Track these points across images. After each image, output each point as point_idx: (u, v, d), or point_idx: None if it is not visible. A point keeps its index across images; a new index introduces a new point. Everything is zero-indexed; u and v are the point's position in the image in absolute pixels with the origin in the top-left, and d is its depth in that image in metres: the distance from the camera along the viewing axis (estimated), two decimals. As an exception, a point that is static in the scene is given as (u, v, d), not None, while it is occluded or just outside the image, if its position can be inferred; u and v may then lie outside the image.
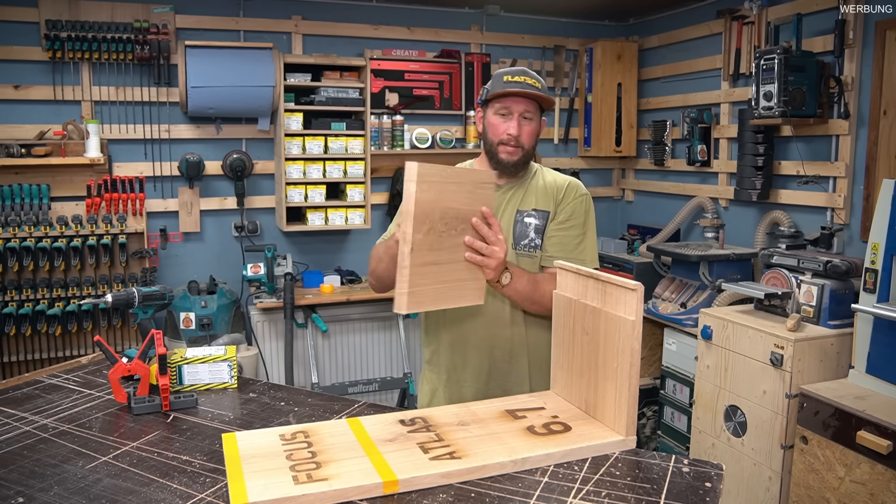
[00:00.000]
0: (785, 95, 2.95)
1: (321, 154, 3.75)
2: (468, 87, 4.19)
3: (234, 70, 3.52)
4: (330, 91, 3.75)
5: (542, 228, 1.84)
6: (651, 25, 4.39)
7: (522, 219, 1.84)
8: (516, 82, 1.77)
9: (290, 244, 4.06)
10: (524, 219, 1.84)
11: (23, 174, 3.40)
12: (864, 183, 2.98)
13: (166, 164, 3.73)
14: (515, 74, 1.78)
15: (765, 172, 3.37)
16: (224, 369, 1.71)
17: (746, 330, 2.74)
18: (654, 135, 4.23)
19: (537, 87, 1.77)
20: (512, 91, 1.76)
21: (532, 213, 1.84)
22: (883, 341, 2.36)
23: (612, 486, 1.21)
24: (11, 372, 3.39)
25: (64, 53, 3.41)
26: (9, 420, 1.50)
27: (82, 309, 3.40)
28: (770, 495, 2.65)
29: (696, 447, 3.05)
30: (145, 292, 1.81)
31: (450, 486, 1.21)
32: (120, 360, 1.58)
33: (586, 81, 4.43)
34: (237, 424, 1.48)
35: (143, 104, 3.65)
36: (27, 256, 3.30)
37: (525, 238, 1.83)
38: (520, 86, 1.76)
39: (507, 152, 1.79)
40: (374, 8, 4.06)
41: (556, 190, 1.87)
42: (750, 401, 2.73)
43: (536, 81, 1.79)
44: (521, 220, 1.84)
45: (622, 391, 1.34)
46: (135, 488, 1.20)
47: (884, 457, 2.14)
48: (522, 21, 4.37)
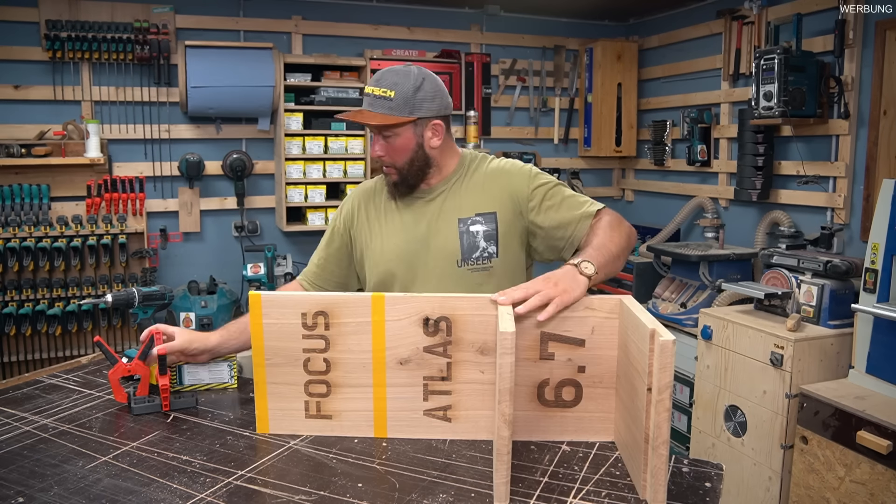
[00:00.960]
0: (785, 95, 2.95)
1: (321, 154, 3.75)
2: (468, 87, 4.19)
3: (234, 70, 3.52)
4: (330, 91, 3.75)
5: (494, 233, 1.63)
6: (651, 25, 4.39)
7: (467, 228, 1.64)
8: (366, 96, 1.62)
9: (290, 244, 4.06)
10: (469, 228, 1.64)
11: (23, 174, 3.40)
12: (864, 183, 2.98)
13: (166, 164, 3.73)
14: (370, 83, 1.62)
15: (765, 172, 3.37)
16: (224, 369, 1.71)
17: (746, 330, 2.74)
18: (654, 135, 4.23)
19: (386, 98, 1.58)
20: (344, 119, 1.67)
21: (477, 220, 1.64)
22: (883, 341, 2.36)
23: (612, 486, 1.21)
24: (11, 372, 3.39)
25: (64, 53, 3.41)
26: (9, 420, 1.50)
27: (82, 309, 3.40)
28: (770, 495, 2.65)
29: (696, 447, 3.05)
30: (145, 292, 1.81)
31: (449, 487, 1.21)
32: (120, 360, 1.58)
33: (586, 81, 4.43)
34: (237, 424, 1.49)
35: (143, 104, 3.65)
36: (27, 256, 3.30)
37: (476, 250, 1.63)
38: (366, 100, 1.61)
39: (386, 173, 1.68)
40: (374, 8, 4.06)
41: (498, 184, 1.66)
42: (750, 401, 2.73)
43: (387, 89, 1.58)
44: (466, 229, 1.64)
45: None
46: (135, 488, 1.20)
47: (884, 457, 2.14)
48: (522, 21, 4.37)
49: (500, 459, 1.14)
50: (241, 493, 1.19)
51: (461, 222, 1.65)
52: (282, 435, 1.42)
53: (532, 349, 1.35)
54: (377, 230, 1.74)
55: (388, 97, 1.58)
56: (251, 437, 1.42)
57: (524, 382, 1.36)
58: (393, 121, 1.59)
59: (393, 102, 1.58)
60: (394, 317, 1.37)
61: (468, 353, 1.37)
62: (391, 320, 1.37)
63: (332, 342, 1.39)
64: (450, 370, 1.38)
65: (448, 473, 1.26)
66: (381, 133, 1.62)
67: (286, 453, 1.34)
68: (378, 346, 1.38)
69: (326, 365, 1.40)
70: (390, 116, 1.59)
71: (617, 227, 1.55)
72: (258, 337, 1.39)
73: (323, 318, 1.38)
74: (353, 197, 1.83)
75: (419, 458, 1.32)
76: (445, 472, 1.27)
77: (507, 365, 1.12)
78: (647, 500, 1.15)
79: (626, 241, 1.54)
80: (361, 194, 1.81)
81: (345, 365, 1.40)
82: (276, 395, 1.42)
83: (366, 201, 1.79)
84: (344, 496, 1.18)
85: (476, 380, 1.38)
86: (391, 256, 1.70)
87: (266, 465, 1.30)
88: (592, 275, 1.38)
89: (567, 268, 1.38)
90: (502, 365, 1.12)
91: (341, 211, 1.82)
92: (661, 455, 1.10)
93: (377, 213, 1.76)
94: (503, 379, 1.12)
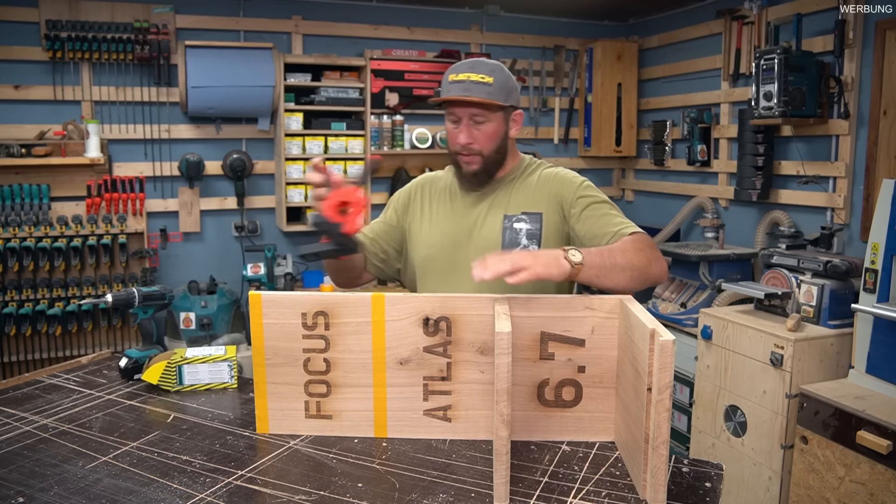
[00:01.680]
0: (785, 95, 2.95)
1: (321, 154, 3.75)
2: (468, 87, 4.19)
3: (234, 70, 3.52)
4: (330, 91, 3.75)
5: (537, 233, 1.63)
6: (651, 25, 4.39)
7: (511, 225, 1.65)
8: (459, 82, 1.59)
9: (290, 244, 4.06)
10: (513, 224, 1.65)
11: (23, 174, 3.40)
12: (864, 183, 2.98)
13: (166, 164, 3.73)
14: (461, 71, 1.60)
15: (765, 172, 3.37)
16: (224, 369, 1.71)
17: (746, 330, 2.74)
18: (654, 135, 4.23)
19: (485, 83, 1.58)
20: (449, 98, 1.60)
21: (522, 218, 1.65)
22: (883, 341, 2.36)
23: (612, 486, 1.21)
24: (11, 372, 3.39)
25: (64, 53, 3.41)
26: (9, 420, 1.50)
27: (82, 309, 3.41)
28: (770, 495, 2.65)
29: (696, 447, 3.05)
30: (145, 292, 1.81)
31: (449, 487, 1.21)
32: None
33: (586, 81, 4.43)
34: (237, 424, 1.48)
35: (143, 104, 3.65)
36: (27, 256, 3.31)
37: (516, 246, 1.63)
38: (461, 86, 1.58)
39: (465, 162, 1.65)
40: (374, 8, 4.06)
41: (549, 188, 1.67)
42: (750, 401, 2.73)
43: (485, 75, 1.58)
44: (510, 226, 1.65)
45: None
46: (135, 488, 1.20)
47: (884, 457, 2.14)
48: (522, 21, 4.37)
49: (500, 459, 1.14)
50: (241, 493, 1.19)
51: (506, 218, 1.66)
52: (282, 435, 1.42)
53: (532, 349, 1.35)
54: (427, 216, 1.76)
55: (488, 83, 1.58)
56: (251, 437, 1.42)
57: (524, 382, 1.36)
58: (497, 103, 1.59)
59: (492, 88, 1.58)
60: (394, 317, 1.37)
61: (468, 353, 1.37)
62: (391, 320, 1.37)
63: (332, 342, 1.39)
64: (450, 370, 1.38)
65: (448, 473, 1.26)
66: (474, 118, 1.61)
67: (286, 453, 1.34)
68: (378, 345, 1.38)
69: (326, 365, 1.40)
70: (492, 100, 1.59)
71: (638, 249, 1.49)
72: (258, 337, 1.39)
73: (323, 318, 1.38)
74: (415, 183, 1.85)
75: (419, 458, 1.32)
76: (445, 472, 1.27)
77: (504, 365, 1.12)
78: (647, 500, 1.15)
79: (640, 260, 1.46)
80: (424, 181, 1.84)
81: (345, 365, 1.40)
82: (277, 395, 1.42)
83: (427, 188, 1.81)
84: (344, 496, 1.18)
85: (476, 380, 1.38)
86: (434, 242, 1.71)
87: (266, 465, 1.30)
88: (577, 263, 1.35)
89: (554, 250, 1.37)
90: (499, 365, 1.12)
91: (400, 193, 1.85)
92: (661, 455, 1.10)
93: (432, 200, 1.78)
94: (500, 379, 1.12)
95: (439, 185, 1.80)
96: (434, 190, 1.80)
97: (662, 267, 1.52)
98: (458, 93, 1.58)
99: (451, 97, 1.59)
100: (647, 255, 1.49)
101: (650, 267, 1.49)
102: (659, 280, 1.54)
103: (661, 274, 1.52)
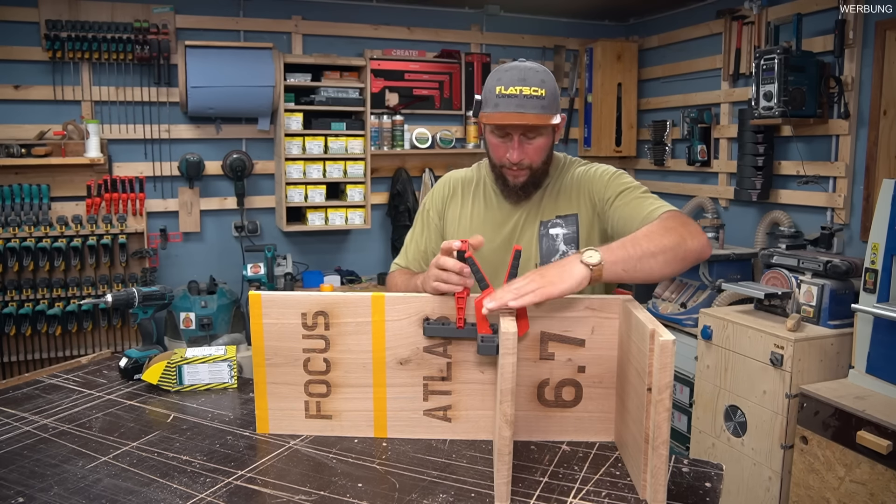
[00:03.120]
0: (785, 95, 2.95)
1: (321, 154, 3.75)
2: (468, 87, 4.19)
3: (234, 70, 3.52)
4: (330, 91, 3.75)
5: (574, 236, 1.57)
6: (651, 25, 4.39)
7: (547, 231, 1.58)
8: (510, 97, 1.47)
9: (290, 244, 4.06)
10: (549, 231, 1.58)
11: (23, 174, 3.40)
12: (864, 183, 2.98)
13: (166, 164, 3.73)
14: (510, 84, 1.48)
15: (765, 172, 3.37)
16: (224, 369, 1.71)
17: (746, 330, 2.74)
18: (654, 135, 4.23)
19: (539, 97, 1.47)
20: (503, 122, 1.49)
21: (557, 223, 1.59)
22: (883, 341, 2.36)
23: (612, 486, 1.21)
24: (11, 372, 3.39)
25: (64, 53, 3.41)
26: (9, 420, 1.50)
27: (82, 309, 3.41)
28: (770, 495, 2.65)
29: (696, 447, 3.05)
30: (145, 292, 1.81)
31: (449, 487, 1.21)
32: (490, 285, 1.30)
33: (586, 81, 4.43)
34: (237, 424, 1.48)
35: (143, 104, 3.65)
36: (27, 256, 3.31)
37: (554, 254, 1.57)
38: (514, 102, 1.47)
39: (513, 175, 1.57)
40: (374, 8, 4.06)
41: (581, 187, 1.59)
42: (750, 401, 2.73)
43: (537, 87, 1.47)
44: (546, 233, 1.58)
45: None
46: (135, 488, 1.20)
47: (884, 457, 2.14)
48: (522, 21, 4.37)
49: (502, 459, 1.14)
50: (241, 493, 1.19)
51: (542, 225, 1.60)
52: (282, 435, 1.42)
53: (532, 349, 1.35)
54: (466, 224, 1.68)
55: (541, 96, 1.47)
56: (251, 437, 1.42)
57: (524, 382, 1.36)
58: (553, 120, 1.50)
59: (545, 101, 1.48)
60: (394, 317, 1.37)
61: (468, 353, 1.37)
62: (391, 320, 1.37)
63: (332, 342, 1.39)
64: (450, 370, 1.38)
65: (448, 473, 1.26)
66: (526, 134, 1.52)
67: (286, 453, 1.34)
68: (378, 345, 1.38)
69: (326, 365, 1.40)
70: (547, 115, 1.50)
71: (667, 229, 1.36)
72: (258, 337, 1.39)
73: (323, 318, 1.38)
74: (448, 182, 1.76)
75: (419, 458, 1.32)
76: (445, 472, 1.27)
77: (509, 365, 1.12)
78: (647, 500, 1.15)
79: (672, 240, 1.32)
80: (458, 181, 1.74)
81: (345, 365, 1.40)
82: (277, 395, 1.42)
83: (462, 189, 1.72)
84: (344, 496, 1.18)
85: (476, 380, 1.38)
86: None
87: (266, 465, 1.30)
88: (595, 265, 1.24)
89: (569, 257, 1.28)
90: (504, 365, 1.12)
91: (433, 196, 1.76)
92: (661, 455, 1.10)
93: (472, 205, 1.70)
94: (505, 379, 1.12)
95: (471, 188, 1.72)
96: (470, 192, 1.71)
97: (701, 241, 1.37)
98: (512, 109, 1.47)
99: (508, 121, 1.48)
100: (680, 233, 1.35)
101: (684, 244, 1.34)
102: (700, 256, 1.38)
103: (699, 249, 1.37)
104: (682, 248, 1.33)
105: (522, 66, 1.53)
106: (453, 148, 4.16)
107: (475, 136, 4.17)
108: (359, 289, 3.88)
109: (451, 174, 1.79)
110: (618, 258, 1.27)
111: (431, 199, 1.76)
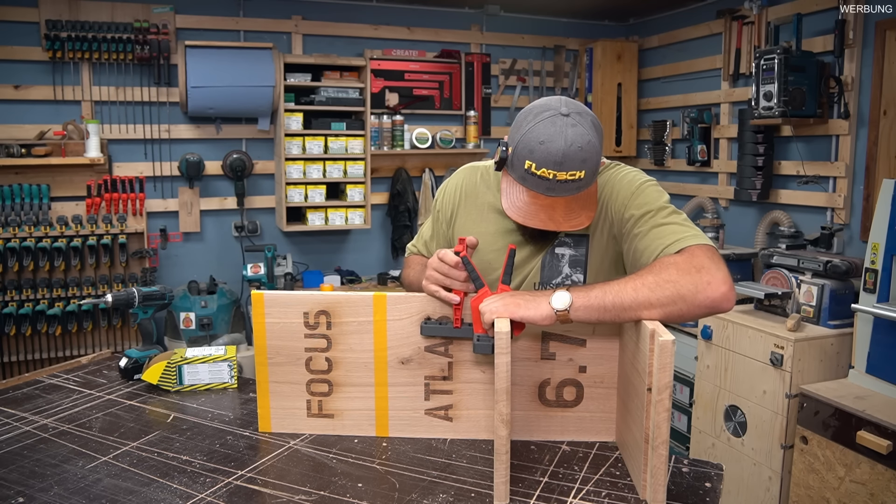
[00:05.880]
0: (785, 95, 2.95)
1: (321, 154, 3.75)
2: (468, 87, 4.19)
3: (234, 70, 3.52)
4: (330, 91, 3.75)
5: (582, 259, 1.42)
6: (651, 25, 4.39)
7: (553, 249, 1.44)
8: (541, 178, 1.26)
9: (290, 244, 4.06)
10: (555, 250, 1.44)
11: (23, 174, 3.40)
12: (864, 183, 2.98)
13: (166, 164, 3.73)
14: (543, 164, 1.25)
15: (765, 172, 3.37)
16: (224, 369, 1.71)
17: (746, 330, 2.74)
18: (654, 135, 4.23)
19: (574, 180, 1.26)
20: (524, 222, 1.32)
21: (565, 241, 1.43)
22: (883, 341, 2.36)
23: (612, 486, 1.21)
24: (11, 372, 3.39)
25: (64, 53, 3.41)
26: (9, 420, 1.50)
27: (82, 309, 3.41)
28: (770, 495, 2.65)
29: (696, 447, 3.05)
30: (145, 292, 1.81)
31: (449, 487, 1.21)
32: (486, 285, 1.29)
33: (586, 81, 4.43)
34: (237, 424, 1.49)
35: (143, 104, 3.65)
36: (27, 256, 3.30)
37: (557, 276, 1.44)
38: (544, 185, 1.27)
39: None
40: (374, 8, 4.06)
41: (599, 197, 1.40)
42: (750, 401, 2.73)
43: (575, 171, 1.25)
44: (552, 251, 1.44)
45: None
46: (135, 488, 1.20)
47: (884, 457, 2.14)
48: (522, 21, 4.37)
49: (500, 459, 1.14)
50: (241, 493, 1.19)
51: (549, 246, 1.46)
52: (282, 435, 1.42)
53: (533, 349, 1.35)
54: (474, 230, 1.53)
55: (578, 179, 1.27)
56: (251, 436, 1.42)
57: (525, 382, 1.36)
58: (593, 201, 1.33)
59: (584, 180, 1.28)
60: (395, 316, 1.37)
61: (469, 353, 1.37)
62: (393, 319, 1.37)
63: (334, 341, 1.39)
64: (451, 370, 1.38)
65: (448, 473, 1.26)
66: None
67: (286, 453, 1.34)
68: (380, 345, 1.38)
69: (328, 364, 1.40)
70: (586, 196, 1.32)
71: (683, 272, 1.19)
72: (260, 336, 1.39)
73: (325, 318, 1.38)
74: (463, 180, 1.60)
75: (419, 458, 1.32)
76: (445, 472, 1.27)
77: (503, 364, 1.12)
78: (647, 500, 1.15)
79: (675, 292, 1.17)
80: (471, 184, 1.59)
81: (346, 364, 1.40)
82: (278, 394, 1.42)
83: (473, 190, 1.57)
84: (344, 496, 1.18)
85: (477, 379, 1.38)
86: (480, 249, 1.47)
87: (266, 464, 1.30)
88: (561, 310, 1.17)
89: (545, 292, 1.22)
90: (499, 364, 1.12)
91: (444, 199, 1.62)
92: (661, 455, 1.10)
93: (482, 209, 1.55)
94: (500, 378, 1.12)
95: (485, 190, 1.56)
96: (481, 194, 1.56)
97: (716, 293, 1.17)
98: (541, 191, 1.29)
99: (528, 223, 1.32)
100: (691, 282, 1.17)
101: (691, 297, 1.17)
102: (713, 309, 1.20)
103: (712, 303, 1.18)
104: (685, 302, 1.17)
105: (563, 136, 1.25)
106: (453, 148, 4.15)
107: (475, 136, 4.17)
108: (359, 289, 3.88)
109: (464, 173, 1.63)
110: (592, 305, 1.18)
111: (442, 201, 1.63)
